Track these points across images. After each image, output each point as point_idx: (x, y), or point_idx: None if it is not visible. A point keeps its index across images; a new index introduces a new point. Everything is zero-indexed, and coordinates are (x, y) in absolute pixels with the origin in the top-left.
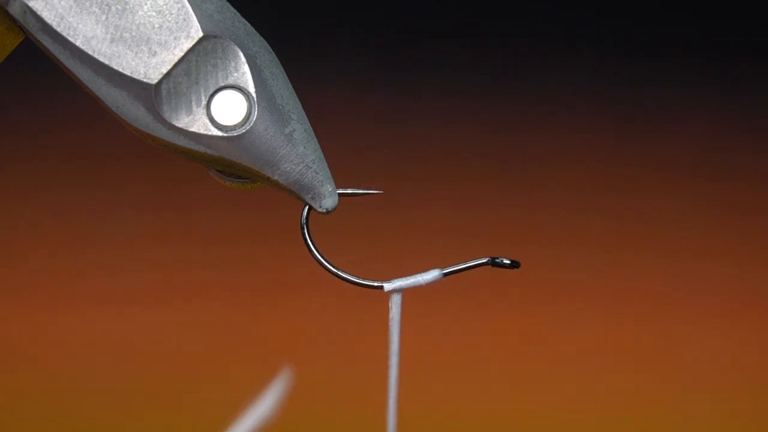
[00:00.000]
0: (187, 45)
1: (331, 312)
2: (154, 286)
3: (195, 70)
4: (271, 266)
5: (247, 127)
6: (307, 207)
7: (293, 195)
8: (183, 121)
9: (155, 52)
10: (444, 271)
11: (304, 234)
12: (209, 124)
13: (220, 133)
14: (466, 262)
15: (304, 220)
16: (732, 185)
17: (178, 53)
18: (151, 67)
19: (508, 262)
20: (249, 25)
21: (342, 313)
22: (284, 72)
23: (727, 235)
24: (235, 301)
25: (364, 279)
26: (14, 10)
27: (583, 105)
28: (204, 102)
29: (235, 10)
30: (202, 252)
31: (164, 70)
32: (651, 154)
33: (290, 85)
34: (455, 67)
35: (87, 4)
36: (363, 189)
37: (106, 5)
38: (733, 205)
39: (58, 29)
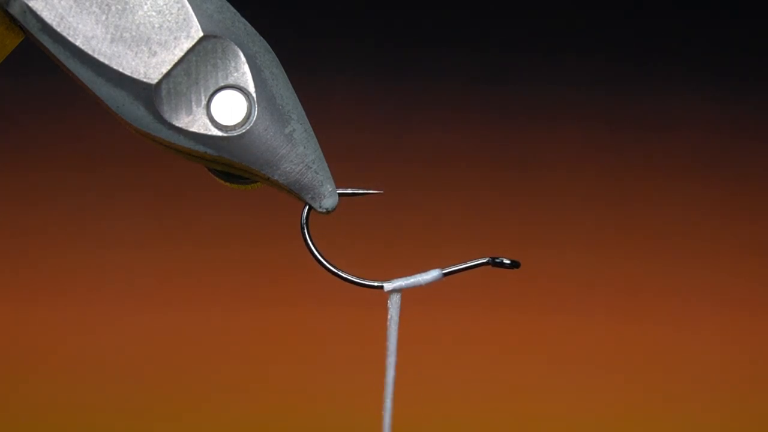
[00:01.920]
0: (187, 45)
1: (331, 312)
2: (152, 286)
3: (195, 70)
4: (271, 266)
5: (247, 127)
6: (307, 207)
7: (293, 195)
8: (183, 121)
9: (155, 52)
10: (444, 271)
11: (304, 234)
12: (209, 124)
13: (220, 133)
14: (465, 262)
15: (304, 220)
16: (730, 188)
17: (178, 53)
18: (151, 67)
19: (508, 262)
20: (249, 25)
21: (342, 314)
22: (284, 72)
23: (726, 238)
24: (234, 301)
25: (364, 279)
26: (14, 10)
27: (582, 108)
28: (204, 102)
29: (235, 10)
30: (202, 252)
31: (164, 70)
32: (650, 158)
33: (290, 85)
34: (454, 69)
35: (87, 4)
36: (363, 189)
37: (106, 5)
38: (732, 208)
39: (58, 29)
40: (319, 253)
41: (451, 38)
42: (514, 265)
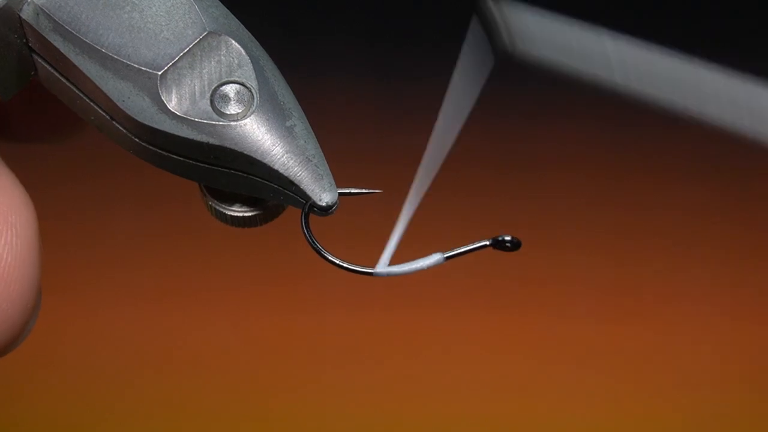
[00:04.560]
0: (193, 39)
1: (331, 310)
2: (151, 285)
3: (199, 63)
4: (270, 266)
5: (250, 116)
6: (307, 204)
7: (292, 195)
8: (186, 111)
9: (162, 46)
10: (445, 255)
11: (303, 227)
12: (212, 112)
13: (222, 122)
14: (467, 245)
15: (304, 214)
16: (730, 189)
17: (184, 46)
18: (158, 58)
19: (509, 240)
20: (253, 37)
21: (341, 312)
22: (285, 80)
23: (726, 239)
24: (234, 299)
25: (364, 267)
26: (27, 14)
27: (582, 108)
28: (208, 94)
29: (240, 23)
30: (201, 251)
31: (170, 62)
32: (650, 158)
33: (291, 91)
34: (453, 69)
35: (98, 3)
36: (362, 188)
37: (116, 4)
38: (732, 208)
39: (69, 28)
40: (318, 244)
41: (450, 38)
42: (515, 245)
